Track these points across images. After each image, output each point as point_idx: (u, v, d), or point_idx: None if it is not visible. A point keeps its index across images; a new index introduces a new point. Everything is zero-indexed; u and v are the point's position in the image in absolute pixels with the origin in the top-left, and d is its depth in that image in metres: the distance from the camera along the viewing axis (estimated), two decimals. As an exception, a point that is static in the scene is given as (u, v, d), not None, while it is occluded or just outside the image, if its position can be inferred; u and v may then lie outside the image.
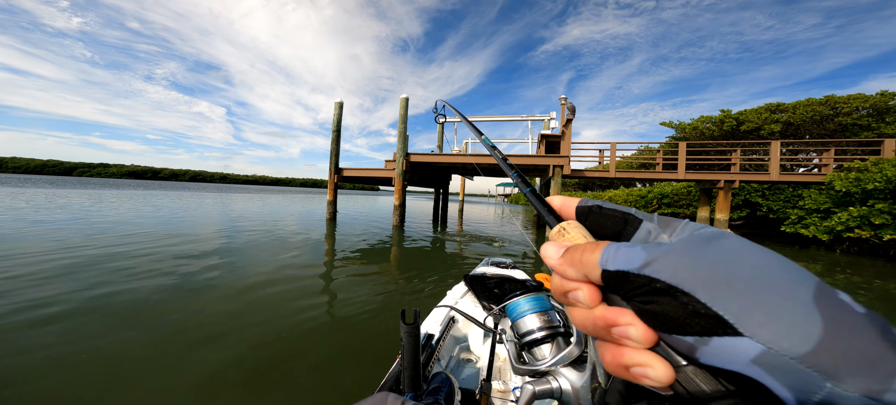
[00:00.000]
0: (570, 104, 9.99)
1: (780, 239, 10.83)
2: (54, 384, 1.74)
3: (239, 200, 21.63)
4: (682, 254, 0.16)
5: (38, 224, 6.90)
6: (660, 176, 10.42)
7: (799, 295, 0.13)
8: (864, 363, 0.12)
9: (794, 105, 15.86)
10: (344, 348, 2.29)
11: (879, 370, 0.12)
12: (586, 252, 0.19)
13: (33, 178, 67.06)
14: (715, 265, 0.15)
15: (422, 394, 0.62)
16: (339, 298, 3.31)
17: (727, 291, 0.14)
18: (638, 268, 0.17)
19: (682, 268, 0.15)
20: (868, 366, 0.12)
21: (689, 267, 0.15)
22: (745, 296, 0.14)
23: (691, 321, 0.15)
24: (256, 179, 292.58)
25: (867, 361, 0.12)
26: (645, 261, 0.16)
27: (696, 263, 0.15)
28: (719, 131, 18.14)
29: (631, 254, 0.17)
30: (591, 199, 0.25)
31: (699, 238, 0.17)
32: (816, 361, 0.12)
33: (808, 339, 0.12)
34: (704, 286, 0.14)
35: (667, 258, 0.16)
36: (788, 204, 11.61)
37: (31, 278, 3.37)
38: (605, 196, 19.96)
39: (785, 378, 0.13)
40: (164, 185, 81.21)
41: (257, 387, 1.80)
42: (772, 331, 0.13)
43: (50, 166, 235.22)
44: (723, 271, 0.15)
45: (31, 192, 17.53)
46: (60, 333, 2.27)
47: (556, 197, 0.27)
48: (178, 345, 2.18)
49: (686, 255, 0.16)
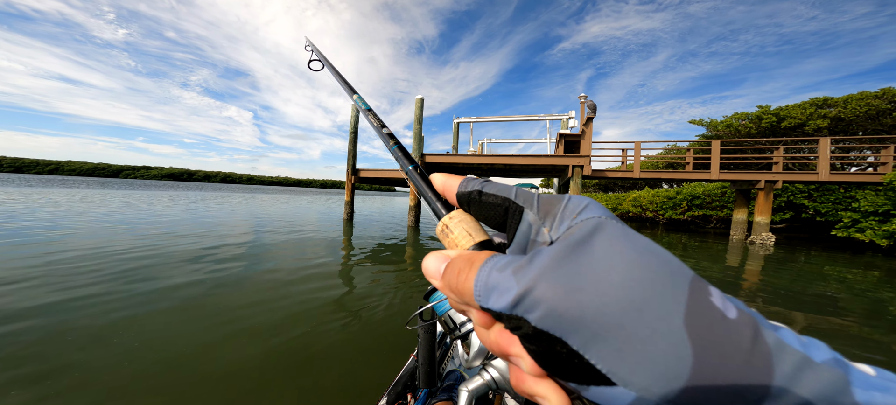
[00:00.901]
0: (591, 102, 9.58)
1: (830, 244, 9.84)
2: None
3: (268, 201, 22.65)
4: (552, 280, 0.14)
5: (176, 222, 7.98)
6: (690, 176, 9.76)
7: (670, 322, 0.13)
8: (731, 394, 0.12)
9: (844, 99, 14.46)
10: (360, 344, 2.30)
11: (745, 398, 0.12)
12: (461, 277, 0.17)
13: (86, 180, 73.87)
14: (585, 293, 0.13)
15: (436, 390, 0.63)
16: (356, 294, 3.31)
17: (596, 335, 0.13)
18: (508, 308, 0.15)
19: (552, 302, 0.14)
20: (734, 397, 0.12)
21: (560, 300, 0.14)
22: (615, 339, 0.13)
23: (569, 367, 0.14)
24: (281, 181, 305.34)
25: (734, 392, 0.12)
26: (515, 299, 0.15)
27: (567, 294, 0.14)
28: (757, 128, 16.83)
29: (501, 286, 0.15)
30: (474, 178, 0.22)
31: (572, 244, 0.15)
32: (688, 398, 0.12)
33: (678, 378, 0.12)
34: (575, 330, 0.13)
35: (536, 291, 0.14)
36: (840, 206, 10.54)
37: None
38: (628, 197, 19.03)
39: None
40: (201, 185, 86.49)
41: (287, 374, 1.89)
42: (643, 378, 0.12)
43: (100, 169, 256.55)
44: (594, 302, 0.13)
45: (113, 194, 19.35)
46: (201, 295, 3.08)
47: (437, 175, 0.24)
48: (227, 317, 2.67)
49: (556, 281, 0.14)
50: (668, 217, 15.71)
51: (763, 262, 6.40)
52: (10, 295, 2.89)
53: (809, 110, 15.00)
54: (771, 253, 7.71)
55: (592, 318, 0.13)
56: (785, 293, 4.13)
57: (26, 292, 2.99)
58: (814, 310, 3.49)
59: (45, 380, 1.73)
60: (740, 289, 4.29)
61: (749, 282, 4.69)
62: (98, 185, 42.33)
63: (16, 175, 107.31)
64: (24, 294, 2.94)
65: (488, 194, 0.21)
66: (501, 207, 0.20)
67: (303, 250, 5.65)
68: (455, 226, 0.21)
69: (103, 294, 3.04)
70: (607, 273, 0.14)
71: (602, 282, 0.13)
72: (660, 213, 16.13)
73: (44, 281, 3.33)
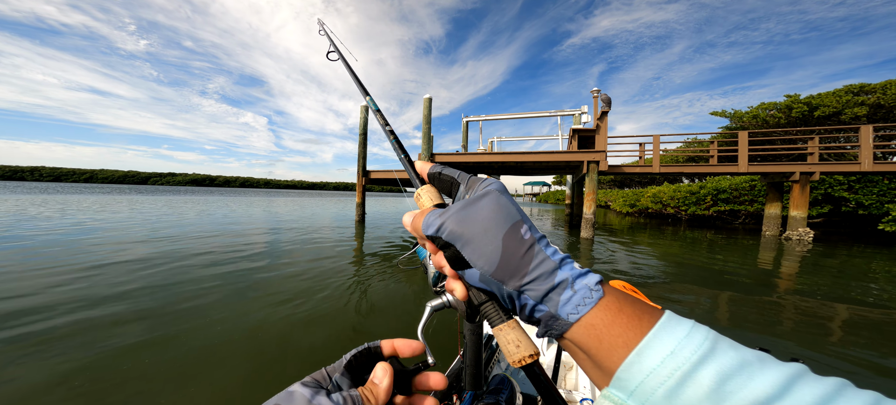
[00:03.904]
0: (605, 95, 9.20)
1: (877, 239, 9.04)
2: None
3: (286, 204, 23.16)
4: (452, 218, 0.26)
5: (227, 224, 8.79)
6: (715, 169, 9.21)
7: (495, 237, 0.24)
8: (513, 273, 0.24)
9: (882, 85, 13.37)
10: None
11: (518, 276, 0.24)
12: (417, 221, 0.29)
13: (119, 187, 78.24)
14: (464, 223, 0.25)
15: (482, 393, 0.64)
16: (371, 295, 3.20)
17: (467, 242, 0.25)
18: (435, 231, 0.27)
19: (452, 229, 0.26)
20: (514, 275, 0.24)
21: (455, 228, 0.26)
22: (472, 244, 0.25)
23: (459, 261, 0.26)
24: (296, 184, 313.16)
25: (514, 272, 0.24)
26: (437, 227, 0.27)
27: (458, 224, 0.26)
28: (787, 118, 15.80)
29: (432, 221, 0.27)
30: (439, 164, 0.34)
31: (467, 202, 0.27)
32: (498, 275, 0.24)
33: (493, 264, 0.24)
34: (459, 240, 0.25)
35: (447, 224, 0.26)
36: (885, 198, 9.70)
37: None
38: (647, 193, 18.27)
39: (491, 285, 0.25)
40: (222, 190, 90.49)
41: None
42: (482, 264, 0.25)
43: (130, 176, 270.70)
44: (467, 228, 0.25)
45: (152, 199, 21.19)
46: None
47: (418, 162, 0.36)
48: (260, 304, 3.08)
49: (453, 219, 0.26)
50: (691, 212, 14.94)
51: (801, 259, 5.90)
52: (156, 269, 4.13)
53: (845, 98, 13.94)
54: (809, 249, 7.13)
55: (467, 234, 0.25)
56: (826, 292, 3.75)
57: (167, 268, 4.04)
58: (861, 309, 3.12)
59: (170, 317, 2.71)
60: (777, 289, 3.92)
61: (786, 281, 4.30)
62: (139, 191, 45.62)
63: (55, 183, 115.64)
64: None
65: (444, 175, 0.33)
66: (449, 182, 0.32)
67: (321, 250, 5.62)
68: (423, 194, 0.33)
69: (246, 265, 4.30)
70: (476, 214, 0.26)
71: (473, 219, 0.26)
72: (682, 209, 15.36)
73: (212, 259, 4.83)
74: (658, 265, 5.32)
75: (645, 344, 0.19)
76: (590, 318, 0.22)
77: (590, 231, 8.15)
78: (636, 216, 20.44)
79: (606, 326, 0.21)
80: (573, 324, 0.22)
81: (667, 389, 0.18)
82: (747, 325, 2.81)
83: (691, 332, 0.19)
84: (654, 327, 0.20)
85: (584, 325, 0.22)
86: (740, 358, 0.18)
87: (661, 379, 0.18)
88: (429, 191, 0.33)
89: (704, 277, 4.46)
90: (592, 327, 0.21)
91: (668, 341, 0.19)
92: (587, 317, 0.22)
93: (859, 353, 2.30)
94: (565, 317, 0.22)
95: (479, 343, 0.59)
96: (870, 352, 2.32)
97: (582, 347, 0.22)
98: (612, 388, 0.20)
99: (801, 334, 2.64)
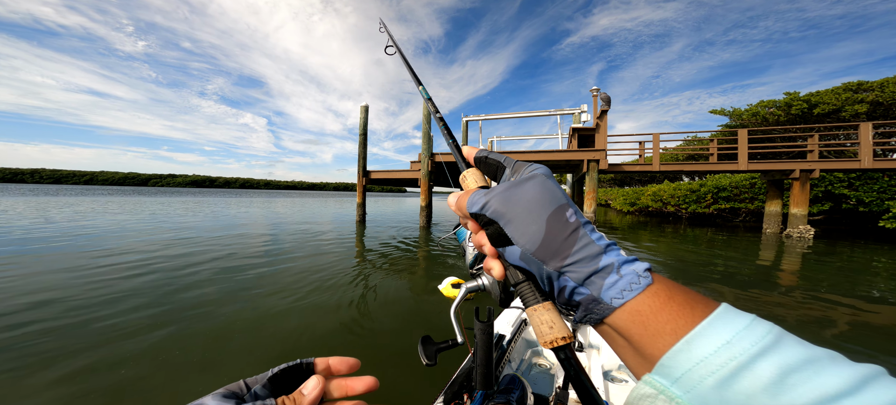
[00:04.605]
0: (604, 94, 9.20)
1: (877, 236, 9.04)
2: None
3: (287, 205, 23.13)
4: (497, 198, 0.27)
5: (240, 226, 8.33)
6: (715, 167, 9.22)
7: (539, 218, 0.25)
8: (555, 253, 0.24)
9: (880, 82, 13.35)
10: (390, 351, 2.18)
11: (560, 256, 0.24)
12: (462, 200, 0.30)
13: (120, 189, 78.27)
14: (509, 203, 0.26)
15: (493, 393, 0.65)
16: (373, 298, 3.21)
17: (510, 220, 0.26)
18: (479, 209, 0.28)
19: (496, 208, 0.27)
20: (556, 255, 0.24)
21: (499, 206, 0.27)
22: (515, 222, 0.26)
23: (501, 239, 0.27)
24: (296, 185, 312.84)
25: (556, 253, 0.24)
26: (482, 205, 0.28)
27: (503, 204, 0.27)
28: (786, 116, 15.79)
29: (477, 199, 0.28)
30: (486, 149, 0.36)
31: (513, 183, 0.28)
32: (539, 254, 0.25)
33: (535, 243, 0.25)
34: (502, 218, 0.26)
35: (491, 202, 0.27)
36: (885, 195, 9.70)
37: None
38: (648, 191, 18.28)
39: (532, 264, 0.26)
40: (224, 192, 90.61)
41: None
42: (525, 242, 0.25)
43: (130, 178, 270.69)
44: (512, 208, 0.26)
45: (158, 200, 20.69)
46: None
47: (465, 147, 0.37)
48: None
49: (498, 198, 0.27)
50: (691, 211, 14.94)
51: (802, 256, 5.91)
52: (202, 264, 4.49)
53: (845, 95, 13.92)
54: (810, 246, 7.14)
55: (510, 213, 0.26)
56: (828, 288, 3.76)
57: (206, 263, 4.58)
58: (864, 304, 3.13)
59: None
60: (778, 285, 3.93)
61: (787, 278, 4.31)
62: (140, 192, 46.02)
63: (55, 186, 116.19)
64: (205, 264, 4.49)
65: (491, 159, 0.34)
66: (495, 166, 0.34)
67: (320, 250, 5.65)
68: (470, 176, 0.35)
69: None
70: (522, 194, 0.26)
71: (518, 199, 0.26)
72: (682, 207, 15.36)
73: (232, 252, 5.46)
74: (659, 264, 5.32)
75: (698, 332, 0.19)
76: (635, 304, 0.21)
77: (590, 229, 8.16)
78: (636, 214, 20.44)
79: (654, 313, 0.21)
80: (616, 309, 0.22)
81: (718, 378, 0.17)
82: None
83: (752, 325, 0.18)
84: (710, 316, 0.19)
85: (629, 311, 0.21)
86: (808, 354, 0.17)
87: (713, 368, 0.17)
88: (474, 173, 0.35)
89: (706, 275, 4.46)
90: (638, 313, 0.21)
91: (725, 331, 0.18)
92: (633, 302, 0.21)
93: (869, 352, 2.31)
94: (608, 301, 0.22)
95: (490, 342, 0.59)
96: (879, 350, 2.33)
97: (623, 333, 0.22)
98: (655, 374, 0.20)
99: (804, 333, 2.64)
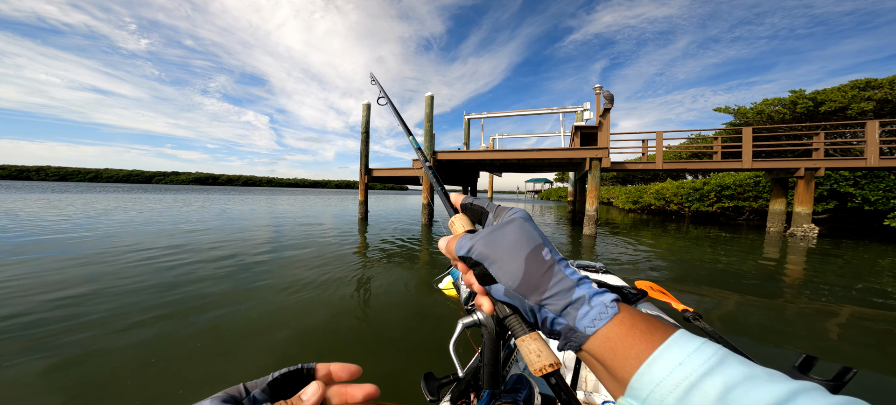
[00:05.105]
0: (607, 92, 9.14)
1: (882, 235, 8.97)
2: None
3: (290, 202, 23.19)
4: (481, 241, 0.30)
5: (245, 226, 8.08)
6: (719, 166, 9.16)
7: (519, 257, 0.28)
8: (534, 288, 0.27)
9: (889, 80, 13.16)
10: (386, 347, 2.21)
11: (538, 291, 0.27)
12: (451, 244, 0.34)
13: (125, 186, 78.65)
14: (491, 245, 0.29)
15: (500, 392, 0.65)
16: (377, 295, 3.24)
17: (493, 261, 0.29)
18: (466, 252, 0.31)
19: (480, 250, 0.30)
20: (535, 290, 0.27)
21: (483, 249, 0.30)
22: (498, 263, 0.29)
23: (486, 278, 0.30)
24: (298, 183, 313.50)
25: (535, 288, 0.27)
26: (468, 249, 0.31)
27: (486, 246, 0.30)
28: (791, 114, 15.63)
29: (463, 243, 0.32)
30: (469, 196, 0.39)
31: (495, 227, 0.31)
32: (520, 290, 0.28)
33: (516, 280, 0.28)
34: (486, 260, 0.30)
35: (476, 246, 0.30)
36: (891, 193, 9.61)
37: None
38: (650, 190, 18.19)
39: (514, 299, 0.29)
40: (227, 189, 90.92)
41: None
42: (504, 279, 0.29)
43: (134, 175, 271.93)
44: (494, 250, 0.29)
45: (170, 198, 20.74)
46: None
47: (453, 194, 0.41)
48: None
49: (482, 242, 0.30)
50: (694, 209, 14.86)
51: (806, 255, 5.88)
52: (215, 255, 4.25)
53: (851, 93, 13.76)
54: (814, 245, 7.09)
55: (493, 255, 0.29)
56: (831, 287, 3.74)
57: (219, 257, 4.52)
58: (864, 304, 3.12)
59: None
60: (783, 285, 3.92)
61: (792, 276, 4.29)
62: (145, 190, 45.95)
63: (61, 183, 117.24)
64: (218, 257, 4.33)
65: (474, 205, 0.37)
66: (479, 211, 0.37)
67: (324, 248, 5.67)
68: (457, 221, 0.38)
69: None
70: (502, 237, 0.30)
71: (499, 241, 0.30)
72: (685, 206, 15.28)
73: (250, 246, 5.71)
74: (661, 262, 5.31)
75: (656, 355, 0.21)
76: (605, 331, 0.24)
77: (592, 228, 8.15)
78: (639, 213, 20.35)
79: (620, 339, 0.23)
80: (590, 337, 0.24)
81: (675, 398, 0.19)
82: (750, 323, 2.82)
83: (701, 348, 0.21)
84: (666, 341, 0.22)
85: (600, 338, 0.24)
86: (748, 371, 0.19)
87: (670, 388, 0.20)
88: (461, 219, 0.38)
89: (708, 274, 4.45)
90: (608, 340, 0.24)
91: (678, 353, 0.21)
92: (603, 330, 0.24)
93: (869, 354, 2.31)
94: (583, 330, 0.25)
95: (496, 341, 0.61)
96: (880, 351, 2.33)
97: (598, 358, 0.24)
98: (627, 397, 0.22)
99: (805, 333, 2.64)
